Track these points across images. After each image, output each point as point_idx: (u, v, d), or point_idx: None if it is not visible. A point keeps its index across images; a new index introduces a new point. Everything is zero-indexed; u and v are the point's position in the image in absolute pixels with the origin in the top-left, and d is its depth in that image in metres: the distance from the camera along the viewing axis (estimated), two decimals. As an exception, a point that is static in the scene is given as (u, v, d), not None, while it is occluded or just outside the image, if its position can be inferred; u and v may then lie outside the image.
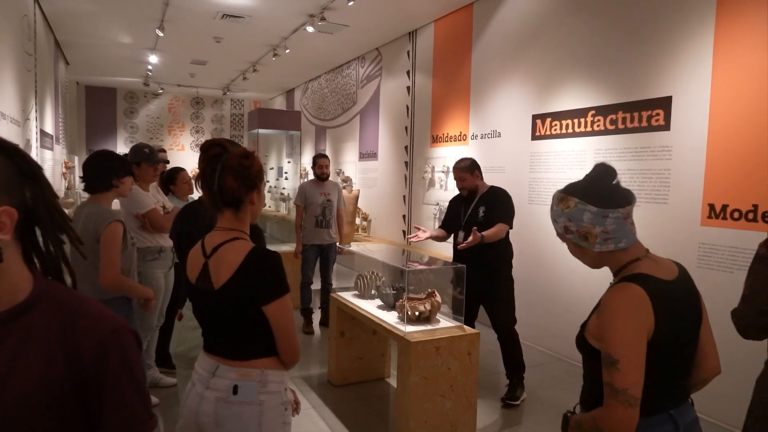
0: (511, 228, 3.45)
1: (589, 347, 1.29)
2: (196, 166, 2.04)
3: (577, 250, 1.38)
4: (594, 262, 1.38)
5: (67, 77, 9.60)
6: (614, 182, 1.32)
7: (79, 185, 10.85)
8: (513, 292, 3.57)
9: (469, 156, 5.62)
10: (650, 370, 1.24)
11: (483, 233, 3.33)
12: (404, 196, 6.88)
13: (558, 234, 1.40)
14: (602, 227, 1.30)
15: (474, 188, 3.56)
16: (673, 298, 1.27)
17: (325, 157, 4.98)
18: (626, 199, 1.31)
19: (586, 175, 1.36)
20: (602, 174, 1.33)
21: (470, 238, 3.28)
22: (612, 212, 1.29)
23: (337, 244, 4.98)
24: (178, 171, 3.88)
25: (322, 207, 4.89)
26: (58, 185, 7.92)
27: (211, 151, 1.88)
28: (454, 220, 3.70)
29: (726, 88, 3.24)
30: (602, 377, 1.22)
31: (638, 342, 1.20)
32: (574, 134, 4.31)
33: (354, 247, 4.49)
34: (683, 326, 1.27)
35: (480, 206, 3.53)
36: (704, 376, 1.37)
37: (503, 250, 3.50)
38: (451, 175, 5.87)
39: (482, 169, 5.37)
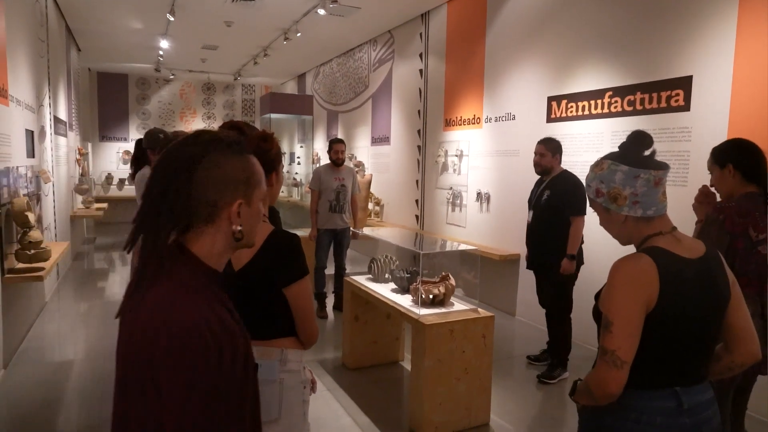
0: (584, 214, 3.49)
1: (601, 317, 1.31)
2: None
3: (606, 217, 1.39)
4: (620, 233, 1.38)
5: (79, 64, 9.68)
6: (650, 150, 1.33)
7: (93, 172, 11.01)
8: (573, 276, 3.60)
9: (483, 139, 5.60)
10: (653, 342, 1.25)
11: (569, 252, 3.48)
12: (417, 181, 6.87)
13: (589, 201, 1.42)
14: (632, 189, 1.31)
15: (548, 168, 3.64)
16: (686, 276, 1.27)
17: (342, 142, 5.03)
18: (659, 165, 1.32)
19: (622, 143, 1.37)
20: (638, 139, 1.34)
21: (566, 269, 3.48)
22: (644, 173, 1.30)
23: (351, 228, 5.02)
24: None
25: (336, 192, 4.93)
26: (73, 172, 8.05)
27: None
28: (530, 201, 3.83)
29: (750, 66, 3.17)
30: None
31: (633, 309, 1.22)
32: (591, 116, 4.26)
33: (367, 231, 4.51)
34: (695, 305, 1.27)
35: (547, 189, 3.61)
36: (740, 360, 1.36)
37: (563, 236, 3.52)
38: (465, 159, 5.90)
39: (495, 152, 5.41)
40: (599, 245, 3.85)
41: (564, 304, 3.59)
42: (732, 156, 2.20)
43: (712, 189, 2.31)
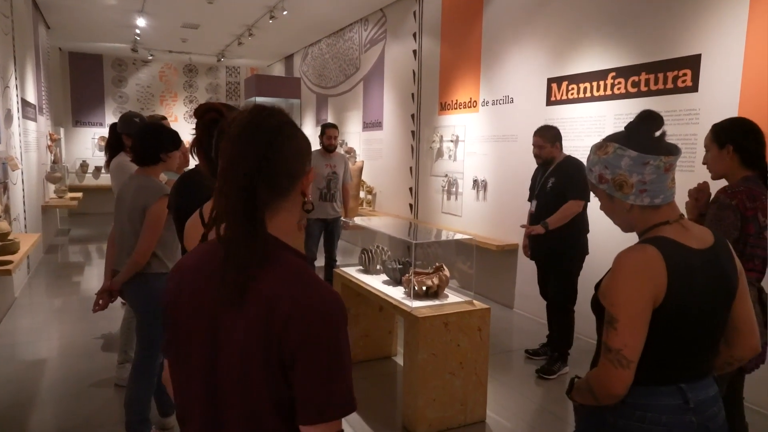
0: (588, 201, 3.50)
1: (601, 308, 1.29)
2: (190, 137, 2.07)
3: (608, 205, 1.36)
4: (624, 221, 1.36)
5: (49, 42, 9.50)
6: (659, 132, 1.30)
7: (66, 159, 10.86)
8: (577, 267, 3.60)
9: (480, 123, 5.58)
10: (659, 338, 1.24)
11: (547, 220, 3.48)
12: (411, 168, 6.85)
13: (591, 186, 1.39)
14: (640, 176, 1.28)
15: (549, 159, 3.64)
16: (695, 267, 1.25)
17: (335, 127, 5.02)
18: (669, 149, 1.29)
19: (629, 123, 1.34)
20: (647, 121, 1.31)
21: (533, 229, 3.50)
22: (653, 159, 1.27)
23: (342, 218, 4.99)
24: None
25: (327, 179, 4.91)
26: (44, 159, 7.93)
27: (207, 117, 1.86)
28: (531, 190, 3.83)
29: (763, 44, 3.16)
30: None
31: (640, 304, 1.20)
32: (593, 98, 4.24)
33: (358, 220, 4.49)
34: (704, 298, 1.26)
35: (551, 177, 3.61)
36: (739, 354, 1.36)
37: (576, 225, 3.52)
38: (461, 146, 5.87)
39: (493, 138, 5.39)
40: (604, 235, 3.85)
41: (568, 295, 3.60)
42: (733, 137, 2.20)
43: (704, 166, 2.33)
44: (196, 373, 0.97)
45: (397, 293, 3.25)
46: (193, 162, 2.19)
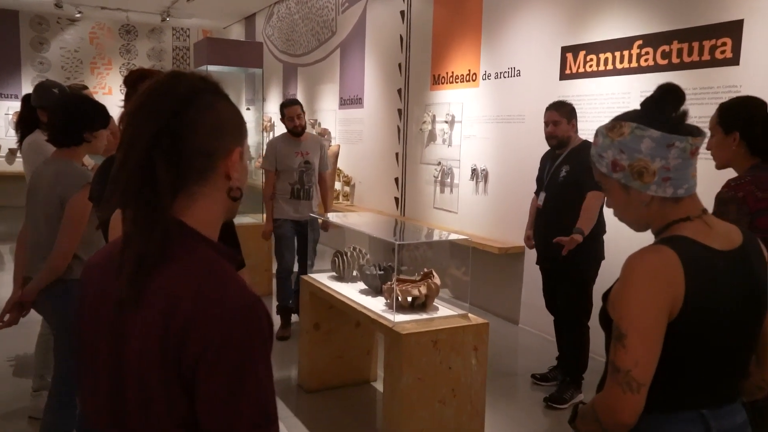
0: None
1: (610, 322, 1.29)
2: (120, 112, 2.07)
3: (622, 198, 1.36)
4: (640, 217, 1.36)
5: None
6: (682, 109, 1.31)
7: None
8: (592, 274, 3.61)
9: (480, 101, 5.58)
10: (676, 356, 1.25)
11: (578, 225, 3.40)
12: (397, 154, 6.84)
13: (600, 176, 1.38)
14: (664, 161, 1.28)
15: (565, 139, 3.63)
16: (719, 271, 1.26)
17: (296, 103, 4.79)
18: (693, 130, 1.30)
19: (645, 99, 1.34)
20: (669, 94, 1.32)
21: (569, 244, 3.36)
22: (679, 140, 1.27)
23: (321, 217, 4.78)
24: None
25: (299, 171, 4.72)
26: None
27: (139, 86, 1.85)
28: (539, 181, 3.82)
29: (812, 10, 3.20)
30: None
31: (652, 316, 1.21)
32: (616, 71, 4.27)
33: (332, 217, 4.47)
34: (730, 308, 1.27)
35: (564, 164, 3.61)
36: None
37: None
38: (457, 128, 5.88)
39: (495, 118, 5.40)
40: (623, 236, 3.86)
41: (581, 308, 3.62)
42: (740, 124, 2.25)
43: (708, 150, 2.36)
44: (101, 391, 0.97)
45: (377, 305, 3.24)
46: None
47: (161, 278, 0.91)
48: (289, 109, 4.74)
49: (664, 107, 1.31)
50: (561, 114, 3.62)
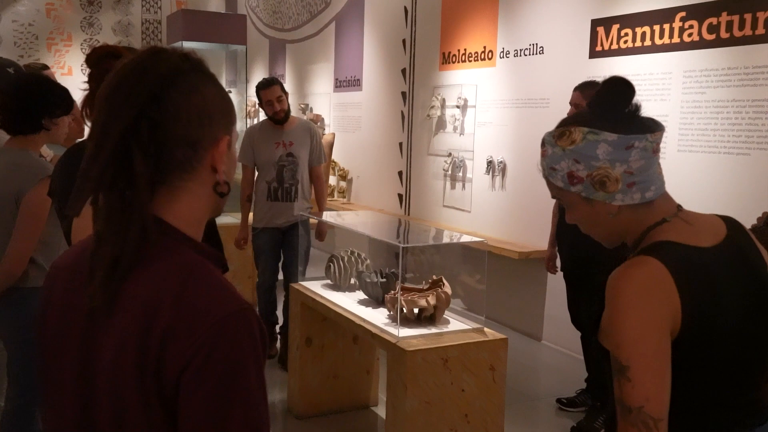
0: None
1: (606, 353, 1.29)
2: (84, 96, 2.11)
3: (587, 212, 1.37)
4: (611, 231, 1.39)
5: None
6: (633, 105, 1.33)
7: None
8: None
9: (497, 82, 5.57)
10: (687, 379, 1.25)
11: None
12: (401, 144, 6.83)
13: (556, 191, 1.40)
14: (625, 165, 1.30)
15: None
16: (711, 271, 1.28)
17: (274, 83, 4.51)
18: (650, 125, 1.33)
19: (593, 97, 1.37)
20: (616, 89, 1.34)
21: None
22: (638, 139, 1.30)
23: (317, 218, 4.62)
24: None
25: (279, 166, 4.49)
26: None
27: (104, 65, 1.87)
28: None
29: None
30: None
31: (653, 339, 1.21)
32: (654, 48, 4.26)
33: (326, 216, 4.47)
34: (734, 309, 1.28)
35: None
36: None
37: None
38: (470, 114, 5.88)
39: (514, 102, 5.40)
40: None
41: None
42: None
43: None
44: (67, 412, 0.97)
45: (378, 317, 3.24)
46: (87, 131, 2.18)
47: (138, 283, 0.92)
48: (266, 91, 4.47)
49: (614, 104, 1.33)
50: (586, 97, 3.62)
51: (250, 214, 4.75)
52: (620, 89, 1.34)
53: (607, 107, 1.33)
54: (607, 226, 1.38)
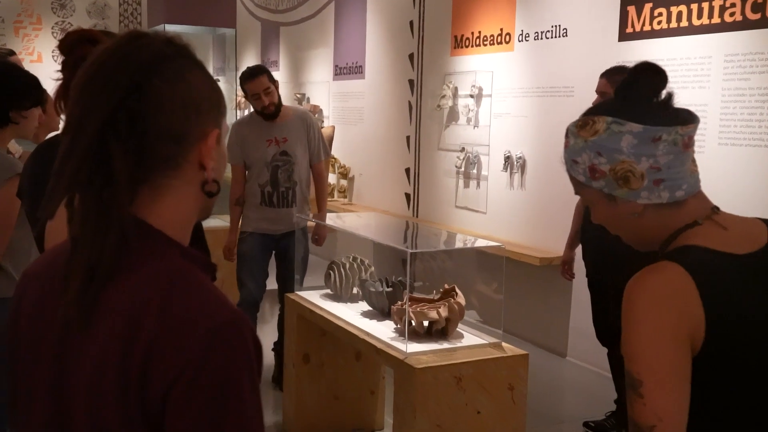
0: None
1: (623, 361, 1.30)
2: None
3: (608, 211, 1.38)
4: (635, 232, 1.39)
5: None
6: (664, 94, 1.33)
7: None
8: None
9: (515, 69, 5.56)
10: (710, 398, 1.25)
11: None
12: (408, 138, 6.84)
13: (578, 187, 1.41)
14: (651, 159, 1.30)
15: None
16: (743, 282, 1.27)
17: (260, 74, 4.36)
18: (683, 116, 1.32)
19: (619, 85, 1.37)
20: (646, 76, 1.34)
21: None
22: (666, 132, 1.29)
23: (315, 220, 4.59)
24: None
25: (272, 167, 4.41)
26: None
27: (79, 51, 1.88)
28: None
29: None
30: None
31: (669, 354, 1.21)
32: (692, 30, 4.25)
33: (326, 219, 4.47)
34: (764, 327, 1.27)
35: None
36: None
37: None
38: (486, 103, 5.88)
39: (535, 90, 5.39)
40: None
41: None
42: None
43: None
44: (40, 431, 0.98)
45: (383, 331, 3.24)
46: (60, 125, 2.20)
47: (118, 292, 0.92)
48: (252, 83, 4.33)
49: (642, 93, 1.33)
50: (614, 84, 3.60)
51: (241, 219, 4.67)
52: (649, 76, 1.33)
53: (635, 96, 1.34)
54: (632, 228, 1.38)
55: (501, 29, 5.71)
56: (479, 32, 5.94)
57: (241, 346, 0.91)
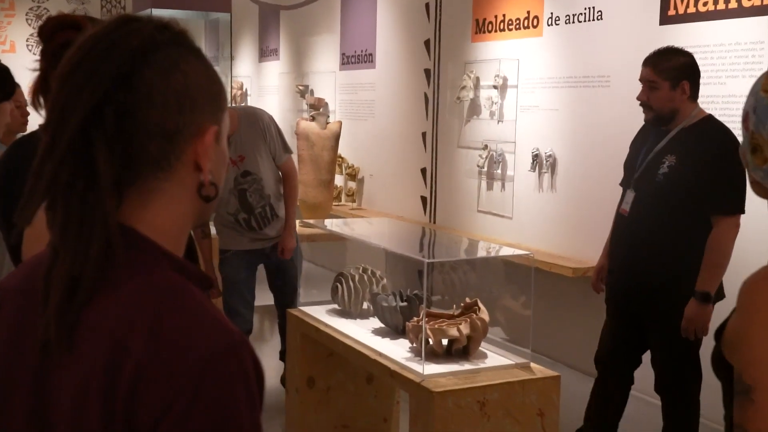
0: (739, 212, 3.34)
1: (728, 369, 1.31)
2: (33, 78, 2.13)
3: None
4: None
5: None
6: None
7: None
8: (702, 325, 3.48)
9: (544, 56, 5.56)
10: None
11: (701, 280, 3.34)
12: (424, 134, 6.85)
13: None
14: None
15: (667, 112, 3.52)
16: None
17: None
18: None
19: None
20: None
21: (689, 318, 3.36)
22: None
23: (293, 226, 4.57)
24: None
25: (239, 192, 4.41)
26: None
27: (58, 39, 1.90)
28: (629, 170, 3.76)
29: None
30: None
31: None
32: (742, 12, 4.25)
33: (331, 225, 4.49)
34: None
35: (668, 152, 3.48)
36: None
37: (697, 250, 3.41)
38: (511, 95, 5.88)
39: (566, 80, 5.40)
40: (754, 263, 3.84)
41: (689, 373, 3.60)
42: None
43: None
44: None
45: (398, 351, 3.24)
46: (36, 120, 2.21)
47: (102, 310, 0.91)
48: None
49: None
50: (659, 72, 3.54)
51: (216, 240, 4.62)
52: None
53: None
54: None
55: (528, 12, 5.72)
56: (503, 15, 5.95)
57: (240, 374, 0.90)
